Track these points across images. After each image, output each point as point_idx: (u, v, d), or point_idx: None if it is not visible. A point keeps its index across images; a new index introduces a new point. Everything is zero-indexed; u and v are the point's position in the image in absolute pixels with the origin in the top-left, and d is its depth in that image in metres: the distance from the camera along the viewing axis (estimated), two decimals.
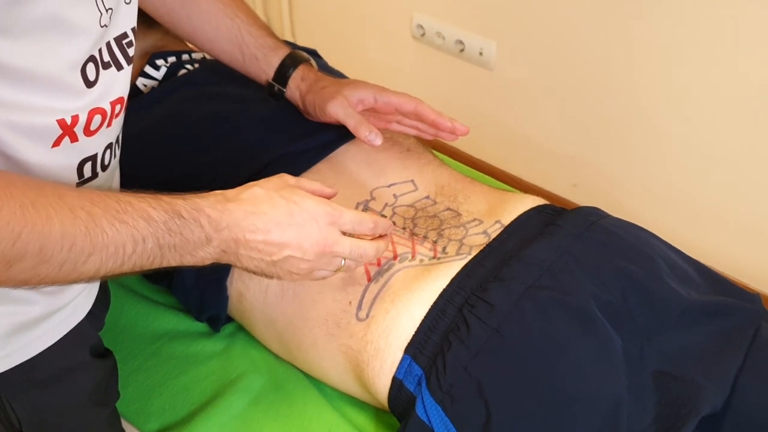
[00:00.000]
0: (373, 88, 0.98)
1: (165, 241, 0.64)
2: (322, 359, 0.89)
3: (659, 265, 0.88)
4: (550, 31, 1.30)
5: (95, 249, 0.60)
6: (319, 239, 0.72)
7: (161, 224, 0.64)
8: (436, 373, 0.78)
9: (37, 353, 0.73)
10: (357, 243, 0.75)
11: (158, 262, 0.65)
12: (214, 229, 0.67)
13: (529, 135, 1.43)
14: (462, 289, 0.83)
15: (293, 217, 0.71)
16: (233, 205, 0.69)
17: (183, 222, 0.65)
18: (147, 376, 0.96)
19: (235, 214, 0.69)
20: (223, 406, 0.91)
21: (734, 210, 1.22)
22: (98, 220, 0.60)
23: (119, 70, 0.69)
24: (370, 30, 1.59)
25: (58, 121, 0.64)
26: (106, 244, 0.60)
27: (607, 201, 1.09)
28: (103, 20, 0.64)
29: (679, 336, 0.84)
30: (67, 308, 0.75)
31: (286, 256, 0.71)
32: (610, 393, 0.77)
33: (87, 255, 0.60)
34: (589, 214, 0.94)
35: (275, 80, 0.99)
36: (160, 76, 1.17)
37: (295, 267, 0.73)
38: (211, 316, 0.99)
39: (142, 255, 0.63)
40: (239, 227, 0.69)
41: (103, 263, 0.61)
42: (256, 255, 0.70)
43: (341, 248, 0.74)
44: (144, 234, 0.63)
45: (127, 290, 1.05)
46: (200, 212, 0.67)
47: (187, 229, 0.66)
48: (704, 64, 1.14)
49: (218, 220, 0.68)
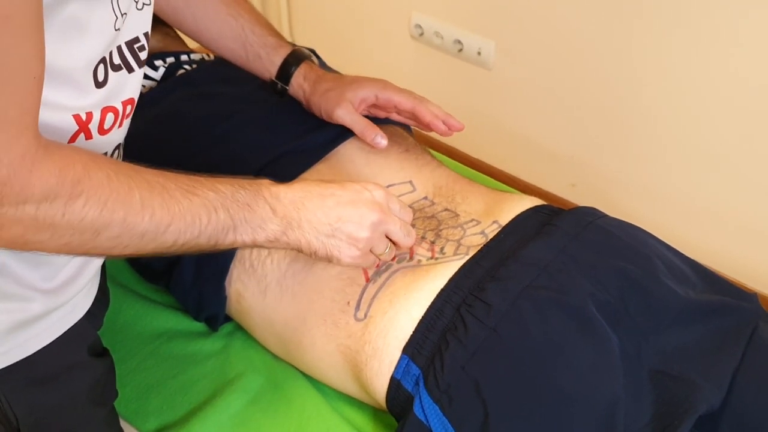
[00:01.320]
0: (375, 86, 1.00)
1: (235, 212, 0.69)
2: (320, 359, 0.89)
3: (656, 265, 0.88)
4: (548, 31, 1.30)
5: (173, 219, 0.64)
6: (374, 206, 0.76)
7: (229, 195, 0.68)
8: (433, 373, 0.79)
9: (35, 351, 0.73)
10: (404, 222, 0.80)
11: (232, 236, 0.69)
12: (276, 200, 0.72)
13: (528, 135, 1.43)
14: (460, 289, 0.83)
15: (347, 188, 0.76)
16: (287, 185, 0.75)
17: (247, 193, 0.70)
18: (145, 376, 0.96)
19: (292, 188, 0.74)
20: (221, 406, 0.91)
21: (731, 210, 1.22)
22: (172, 192, 0.64)
23: (130, 73, 0.71)
24: (369, 30, 1.59)
25: (74, 116, 0.65)
26: (183, 213, 0.64)
27: (605, 201, 1.10)
28: (118, 24, 0.66)
29: (676, 335, 0.84)
30: (66, 306, 0.75)
31: (345, 222, 0.75)
32: (608, 392, 0.77)
33: (166, 225, 0.63)
34: (587, 214, 0.94)
35: (278, 78, 1.01)
36: (159, 77, 1.17)
37: (353, 237, 0.76)
38: (210, 316, 0.99)
39: (217, 225, 0.67)
40: (298, 198, 0.74)
41: (181, 233, 0.65)
42: (317, 224, 0.74)
43: (393, 220, 0.78)
44: (215, 204, 0.67)
45: (125, 289, 1.05)
46: (260, 185, 0.72)
47: (252, 200, 0.70)
48: (703, 64, 1.14)
49: (277, 193, 0.73)
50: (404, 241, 0.80)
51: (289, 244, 0.74)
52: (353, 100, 0.99)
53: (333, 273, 0.88)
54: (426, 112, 0.98)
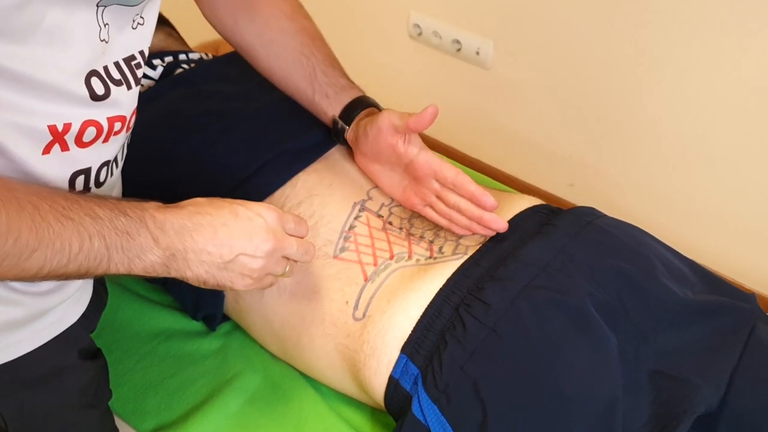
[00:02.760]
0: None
1: (112, 241, 0.63)
2: (318, 359, 0.89)
3: (655, 265, 0.88)
4: (547, 30, 1.30)
5: (41, 244, 0.59)
6: (268, 235, 0.71)
7: (107, 222, 0.63)
8: (432, 373, 0.78)
9: (19, 356, 0.72)
10: (301, 241, 0.75)
11: (105, 266, 0.64)
12: (159, 230, 0.66)
13: (526, 134, 1.43)
14: (458, 289, 0.83)
15: (239, 216, 0.70)
16: (179, 209, 0.68)
17: (128, 220, 0.64)
18: (143, 375, 0.95)
19: (180, 215, 0.68)
20: (219, 406, 0.91)
21: (730, 210, 1.22)
22: (44, 214, 0.59)
23: (129, 89, 0.70)
24: (367, 29, 1.59)
25: (49, 126, 0.64)
26: (52, 239, 0.59)
27: (603, 201, 1.10)
28: (103, 34, 0.65)
29: (674, 335, 0.84)
30: (54, 313, 0.75)
31: (237, 255, 0.70)
32: (606, 392, 0.77)
33: (31, 250, 0.58)
34: (585, 214, 0.94)
35: (341, 117, 0.97)
36: (157, 76, 1.17)
37: (248, 268, 0.71)
38: (207, 315, 0.99)
39: (89, 254, 0.62)
40: (185, 228, 0.67)
41: (47, 260, 0.60)
42: (206, 258, 0.69)
43: (289, 246, 0.73)
44: (90, 231, 0.62)
45: (123, 289, 1.05)
46: (145, 212, 0.66)
47: (133, 228, 0.65)
48: (702, 63, 1.14)
49: (163, 221, 0.66)
50: (303, 258, 0.75)
51: (170, 274, 0.69)
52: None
53: (331, 272, 0.88)
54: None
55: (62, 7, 0.60)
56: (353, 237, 0.91)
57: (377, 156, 0.94)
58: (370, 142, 0.92)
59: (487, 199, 0.87)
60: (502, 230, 0.89)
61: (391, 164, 0.93)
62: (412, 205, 0.93)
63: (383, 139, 0.90)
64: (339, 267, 0.88)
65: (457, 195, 0.89)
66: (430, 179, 0.90)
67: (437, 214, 0.92)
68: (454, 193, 0.89)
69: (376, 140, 0.91)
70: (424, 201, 0.92)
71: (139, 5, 0.68)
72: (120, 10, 0.66)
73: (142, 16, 0.71)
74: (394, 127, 0.89)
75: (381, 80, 1.32)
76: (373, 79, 1.08)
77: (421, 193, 0.92)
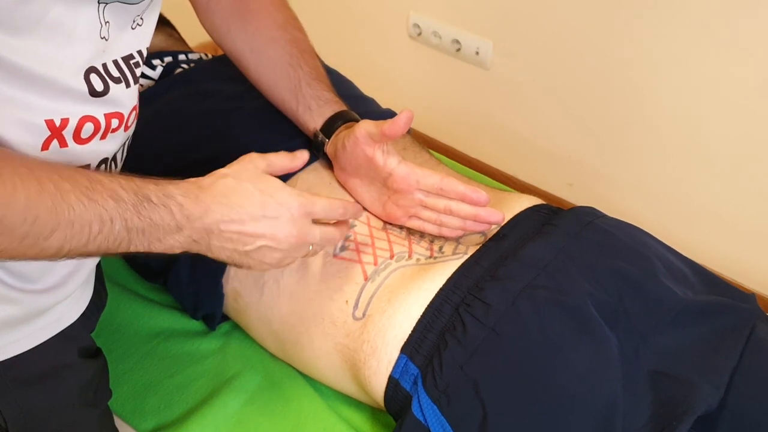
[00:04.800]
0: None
1: (133, 224, 0.63)
2: (317, 358, 0.89)
3: (655, 265, 0.88)
4: (546, 30, 1.30)
5: (60, 225, 0.58)
6: (292, 230, 0.73)
7: (130, 206, 0.63)
8: (432, 373, 0.78)
9: (17, 354, 0.72)
10: (325, 230, 0.77)
11: (125, 246, 0.64)
12: (185, 218, 0.67)
13: (525, 134, 1.43)
14: (458, 289, 0.83)
15: (267, 209, 0.71)
16: (206, 196, 0.69)
17: (152, 207, 0.65)
18: (142, 375, 0.95)
19: (208, 205, 0.69)
20: (218, 405, 0.90)
21: (730, 210, 1.22)
22: (66, 195, 0.59)
23: (127, 87, 0.71)
24: (367, 29, 1.59)
25: (47, 121, 0.64)
26: (72, 220, 0.59)
27: (602, 200, 1.10)
28: (103, 32, 0.65)
29: (674, 335, 0.84)
30: (53, 312, 0.75)
31: (259, 247, 0.72)
32: (606, 392, 0.77)
33: (50, 230, 0.58)
34: (585, 214, 0.94)
35: (322, 130, 0.97)
36: (156, 76, 1.17)
37: (268, 257, 0.73)
38: (207, 315, 0.99)
39: (109, 236, 0.62)
40: (212, 218, 0.68)
41: (66, 240, 0.60)
42: (229, 245, 0.71)
43: (312, 237, 0.75)
44: (112, 214, 0.62)
45: (122, 289, 1.05)
46: (171, 199, 0.66)
47: (156, 215, 0.65)
48: (701, 63, 1.14)
49: (191, 210, 0.67)
50: (325, 246, 0.80)
51: (190, 252, 0.70)
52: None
53: (331, 271, 0.88)
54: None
55: (66, 3, 0.60)
56: (353, 236, 0.91)
57: (356, 170, 0.92)
58: (348, 155, 0.91)
59: (479, 195, 0.87)
60: (500, 222, 0.89)
61: (370, 178, 0.92)
62: (396, 219, 0.92)
63: (360, 150, 0.89)
64: (339, 266, 0.88)
65: (446, 198, 0.88)
66: (412, 191, 0.89)
67: (424, 222, 0.91)
68: (442, 197, 0.88)
69: (353, 152, 0.90)
70: (407, 213, 0.91)
71: (139, 5, 0.69)
72: (121, 8, 0.67)
73: (142, 17, 0.71)
74: (371, 136, 0.87)
75: (380, 80, 1.32)
76: (373, 79, 1.08)
77: (403, 206, 0.90)
